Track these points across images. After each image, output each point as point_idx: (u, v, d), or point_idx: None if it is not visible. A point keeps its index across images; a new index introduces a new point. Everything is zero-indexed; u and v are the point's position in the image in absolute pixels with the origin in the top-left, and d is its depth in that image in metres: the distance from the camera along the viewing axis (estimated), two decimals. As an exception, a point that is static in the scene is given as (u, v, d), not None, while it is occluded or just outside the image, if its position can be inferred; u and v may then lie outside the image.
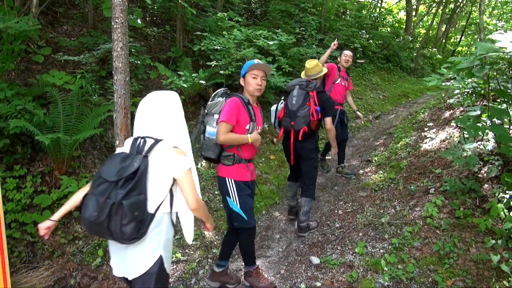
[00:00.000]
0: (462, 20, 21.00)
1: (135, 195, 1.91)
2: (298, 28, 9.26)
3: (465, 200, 3.72)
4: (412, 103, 10.87)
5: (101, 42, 5.96)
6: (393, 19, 17.88)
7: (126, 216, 1.86)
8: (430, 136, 5.73)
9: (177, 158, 2.08)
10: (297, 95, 3.97)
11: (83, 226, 2.17)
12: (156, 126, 2.17)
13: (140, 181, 1.94)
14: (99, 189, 1.92)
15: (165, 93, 2.32)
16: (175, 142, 2.15)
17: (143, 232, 1.95)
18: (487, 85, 3.66)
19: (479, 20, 8.23)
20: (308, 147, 4.07)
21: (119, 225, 1.87)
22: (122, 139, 3.77)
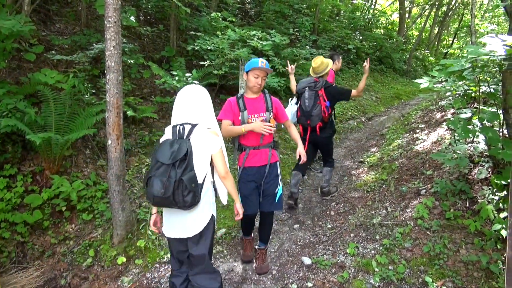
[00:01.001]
0: (455, 22, 21.20)
1: (189, 171, 2.39)
2: (292, 29, 9.29)
3: (455, 202, 3.76)
4: (404, 105, 10.94)
5: (94, 40, 5.93)
6: (386, 21, 18.02)
7: (186, 188, 2.35)
8: (421, 137, 5.78)
9: (212, 138, 2.58)
10: (308, 97, 4.46)
11: (149, 201, 2.57)
12: (192, 114, 2.61)
13: (190, 160, 2.42)
14: (160, 171, 2.36)
15: (196, 87, 2.78)
16: (208, 125, 2.63)
17: (198, 199, 2.44)
18: (478, 88, 3.70)
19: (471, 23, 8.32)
20: (324, 136, 4.69)
21: (181, 196, 2.35)
22: (114, 138, 3.75)
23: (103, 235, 4.08)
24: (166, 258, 3.86)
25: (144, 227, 4.12)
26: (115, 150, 3.76)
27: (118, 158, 3.79)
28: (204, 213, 2.57)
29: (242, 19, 10.11)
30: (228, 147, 4.89)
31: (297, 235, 4.29)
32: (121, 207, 3.88)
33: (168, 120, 6.12)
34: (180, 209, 2.44)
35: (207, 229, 2.58)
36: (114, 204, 3.86)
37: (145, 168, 5.03)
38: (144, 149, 5.33)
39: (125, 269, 3.74)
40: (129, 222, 4.01)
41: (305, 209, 4.97)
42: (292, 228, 4.49)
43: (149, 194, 2.38)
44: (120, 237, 3.96)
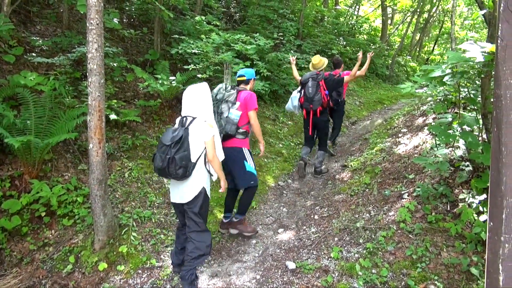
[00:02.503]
0: (435, 29, 21.65)
1: (182, 152, 3.08)
2: (277, 34, 9.32)
3: (437, 205, 3.82)
4: (387, 109, 11.09)
5: (75, 42, 5.84)
6: (369, 27, 18.27)
7: (177, 164, 3.06)
8: (404, 142, 5.86)
9: (206, 129, 3.25)
10: (311, 85, 5.66)
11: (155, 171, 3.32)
12: (193, 108, 3.34)
13: (184, 143, 3.12)
14: (161, 150, 3.13)
15: (198, 85, 3.45)
16: (205, 118, 3.32)
17: (189, 174, 3.15)
18: (458, 93, 3.77)
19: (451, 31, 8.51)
20: (323, 119, 5.88)
21: (174, 170, 3.07)
22: (96, 142, 3.69)
23: (84, 241, 4.00)
24: (149, 264, 3.80)
25: (126, 232, 4.05)
26: (96, 154, 3.70)
27: (100, 162, 3.72)
28: (195, 185, 3.26)
29: (227, 23, 10.11)
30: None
31: (282, 239, 4.29)
32: (102, 212, 3.81)
33: (152, 123, 6.06)
34: (175, 180, 3.21)
35: (197, 197, 3.26)
36: (95, 209, 3.79)
37: (128, 172, 4.96)
38: (127, 153, 5.26)
39: (106, 276, 3.67)
40: (111, 227, 3.95)
41: (289, 213, 4.98)
42: (276, 233, 4.49)
43: (154, 167, 3.22)
44: (101, 243, 3.88)
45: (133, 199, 4.64)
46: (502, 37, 1.25)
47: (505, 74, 1.24)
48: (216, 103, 4.09)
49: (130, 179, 4.91)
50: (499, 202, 1.27)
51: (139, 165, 5.17)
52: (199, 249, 3.31)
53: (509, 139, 1.24)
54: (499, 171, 1.27)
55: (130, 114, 5.48)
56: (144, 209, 4.53)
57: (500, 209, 1.26)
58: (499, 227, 1.26)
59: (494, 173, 1.31)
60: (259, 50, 7.26)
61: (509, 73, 1.23)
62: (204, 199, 3.31)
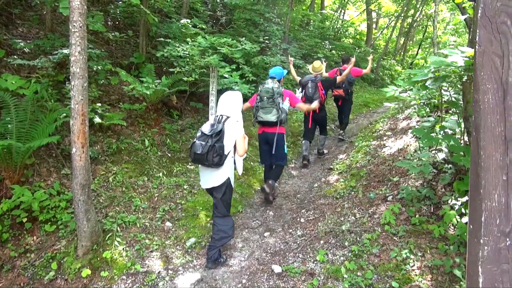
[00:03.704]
0: (419, 34, 22.02)
1: (219, 142, 3.61)
2: (263, 37, 9.34)
3: (420, 207, 3.86)
4: (372, 113, 11.21)
5: (58, 45, 5.75)
6: (354, 31, 18.47)
7: (216, 152, 3.55)
8: (388, 145, 5.93)
9: (238, 128, 3.82)
10: (311, 87, 6.50)
11: (190, 158, 3.78)
12: (228, 109, 3.92)
13: (222, 136, 3.66)
14: (202, 138, 3.65)
15: (234, 92, 4.09)
16: (237, 119, 3.91)
17: (222, 162, 3.64)
18: (440, 97, 3.83)
19: (433, 35, 8.66)
20: (321, 115, 6.90)
21: (212, 156, 3.55)
22: (79, 146, 3.63)
23: (67, 247, 3.92)
24: (133, 270, 3.75)
25: (110, 238, 3.99)
26: (80, 159, 3.64)
27: (83, 166, 3.67)
28: (224, 174, 3.75)
29: (213, 27, 10.09)
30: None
31: (268, 243, 4.28)
32: (86, 217, 3.74)
33: (137, 127, 5.99)
34: (209, 167, 3.67)
35: (223, 185, 3.76)
36: (78, 214, 3.73)
37: (112, 176, 4.90)
38: (111, 157, 5.19)
39: (90, 282, 3.61)
40: (95, 232, 3.88)
41: (275, 217, 4.98)
42: (262, 236, 4.48)
43: (191, 153, 3.66)
44: (85, 249, 3.82)
45: (117, 204, 4.58)
46: (480, 43, 1.27)
47: (483, 79, 1.27)
48: (271, 95, 5.00)
49: (115, 183, 4.84)
50: (478, 206, 1.29)
51: (124, 169, 5.11)
52: (222, 232, 3.84)
53: (487, 143, 1.26)
54: (478, 174, 1.29)
55: (114, 118, 5.41)
56: (129, 214, 4.48)
57: (479, 212, 1.28)
58: (479, 230, 1.28)
59: (473, 176, 1.33)
60: (245, 53, 7.26)
61: (487, 78, 1.25)
62: (228, 188, 3.82)
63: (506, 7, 1.23)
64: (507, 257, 1.25)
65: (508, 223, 1.25)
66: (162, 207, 4.77)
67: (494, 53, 1.25)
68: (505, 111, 1.24)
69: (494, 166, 1.26)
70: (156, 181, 5.19)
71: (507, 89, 1.23)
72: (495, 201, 1.26)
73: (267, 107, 5.00)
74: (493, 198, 1.26)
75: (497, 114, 1.25)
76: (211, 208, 4.91)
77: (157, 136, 6.09)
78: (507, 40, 1.23)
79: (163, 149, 5.95)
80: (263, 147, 5.25)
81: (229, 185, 3.81)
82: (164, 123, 6.43)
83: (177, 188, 5.23)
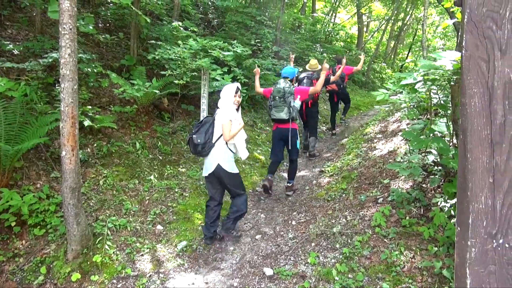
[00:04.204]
0: (409, 37, 22.24)
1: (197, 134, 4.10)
2: (254, 40, 9.37)
3: (410, 209, 3.89)
4: (363, 115, 11.29)
5: (48, 47, 5.70)
6: (345, 34, 18.59)
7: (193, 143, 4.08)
8: (379, 147, 5.97)
9: (223, 115, 4.11)
10: (306, 83, 6.95)
11: None
12: (219, 102, 4.27)
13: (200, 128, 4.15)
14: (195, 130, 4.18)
15: (227, 86, 4.36)
16: (224, 108, 4.17)
17: (207, 153, 4.10)
18: (430, 100, 3.88)
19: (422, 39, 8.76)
20: (313, 110, 7.31)
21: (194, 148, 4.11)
22: (69, 149, 3.60)
23: (57, 251, 3.88)
24: (124, 273, 3.72)
25: (100, 241, 3.96)
26: (69, 162, 3.61)
27: (73, 170, 3.64)
28: (213, 161, 4.09)
29: (205, 29, 10.09)
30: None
31: (259, 246, 4.28)
32: (76, 221, 3.71)
33: (128, 130, 5.96)
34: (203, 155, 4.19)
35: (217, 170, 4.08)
36: (68, 218, 3.69)
37: (103, 179, 4.86)
38: (102, 160, 5.15)
39: (80, 286, 3.57)
40: (85, 236, 3.85)
41: (267, 219, 4.98)
42: (254, 239, 4.48)
43: None
44: (75, 253, 3.78)
45: (108, 207, 4.54)
46: (466, 48, 1.29)
47: (470, 83, 1.29)
48: (282, 95, 5.39)
49: (105, 186, 4.81)
50: (466, 208, 1.31)
51: (115, 172, 5.07)
52: (236, 206, 4.28)
53: (474, 146, 1.28)
54: (465, 177, 1.31)
55: (105, 120, 5.37)
56: (120, 217, 4.44)
57: (466, 214, 1.30)
58: (466, 232, 1.30)
59: (461, 179, 1.35)
60: (237, 56, 7.27)
61: (473, 83, 1.27)
62: (225, 174, 4.10)
63: (491, 13, 1.25)
64: (493, 258, 1.27)
65: (494, 225, 1.26)
66: (153, 210, 4.74)
67: (480, 57, 1.27)
68: (491, 114, 1.26)
69: (481, 168, 1.28)
70: (147, 184, 5.17)
71: (493, 93, 1.25)
72: (482, 203, 1.28)
73: (279, 106, 5.41)
74: (480, 200, 1.28)
75: (483, 118, 1.27)
76: (202, 211, 4.92)
77: (148, 139, 6.05)
78: (492, 45, 1.25)
79: (154, 151, 5.92)
80: (276, 142, 5.65)
81: (226, 172, 4.09)
82: (155, 125, 6.40)
83: (168, 191, 5.20)
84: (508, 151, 1.24)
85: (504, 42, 1.24)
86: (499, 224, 1.26)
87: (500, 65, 1.24)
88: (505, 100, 1.24)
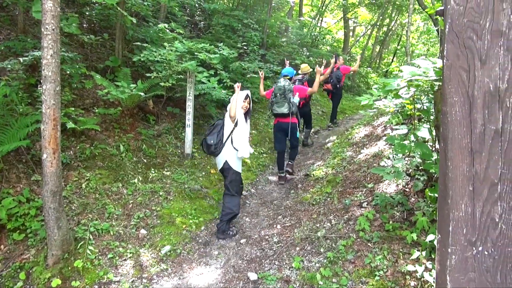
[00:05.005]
0: (394, 42, 22.56)
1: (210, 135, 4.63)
2: (241, 43, 9.36)
3: (394, 214, 3.93)
4: (348, 119, 11.38)
5: (30, 47, 5.59)
6: (332, 38, 18.74)
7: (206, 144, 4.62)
8: (363, 151, 6.02)
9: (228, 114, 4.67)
10: (298, 84, 7.21)
11: None
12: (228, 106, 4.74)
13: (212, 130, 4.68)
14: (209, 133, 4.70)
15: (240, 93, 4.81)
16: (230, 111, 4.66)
17: (219, 152, 4.60)
18: (413, 105, 3.93)
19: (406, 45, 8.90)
20: (305, 110, 7.88)
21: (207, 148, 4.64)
22: (50, 152, 3.53)
23: (36, 256, 3.80)
24: (106, 279, 3.66)
25: (82, 246, 3.89)
26: (51, 165, 3.54)
27: (55, 173, 3.57)
28: (222, 158, 4.65)
29: (191, 31, 10.05)
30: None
31: (244, 250, 4.27)
32: (57, 225, 3.64)
33: (112, 132, 5.88)
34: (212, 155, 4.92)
35: (226, 168, 4.65)
36: (49, 222, 3.62)
37: (85, 183, 4.78)
38: (84, 163, 5.07)
39: (60, 292, 3.50)
40: (66, 241, 3.77)
41: (252, 223, 4.97)
42: (239, 243, 4.46)
43: None
44: (55, 258, 3.70)
45: (90, 211, 4.47)
46: (448, 57, 1.31)
47: (451, 92, 1.30)
48: (282, 92, 6.05)
49: (88, 190, 4.73)
50: (446, 215, 1.32)
51: (98, 175, 5.00)
52: (228, 208, 4.58)
53: (455, 154, 1.30)
54: (446, 184, 1.33)
55: (88, 122, 5.30)
56: (102, 221, 4.37)
57: (447, 222, 1.31)
58: (446, 239, 1.31)
59: (442, 186, 1.36)
60: (223, 59, 7.26)
61: (454, 91, 1.29)
62: (230, 171, 4.64)
63: (472, 23, 1.27)
64: (473, 265, 1.29)
65: (474, 233, 1.28)
66: (137, 214, 4.68)
67: (461, 67, 1.29)
68: (471, 123, 1.28)
69: (461, 176, 1.29)
70: (131, 188, 5.10)
71: (473, 103, 1.27)
72: (462, 211, 1.29)
73: (280, 102, 6.08)
74: (460, 208, 1.29)
75: (463, 127, 1.29)
76: (187, 214, 4.89)
77: (133, 142, 5.99)
78: (473, 55, 1.27)
79: (139, 154, 5.86)
80: (277, 134, 6.35)
81: (230, 169, 4.64)
82: (140, 128, 6.34)
83: (152, 195, 5.15)
84: (488, 160, 1.26)
85: (484, 53, 1.26)
86: (478, 232, 1.27)
87: (480, 75, 1.26)
88: (485, 109, 1.26)
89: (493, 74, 1.25)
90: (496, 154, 1.26)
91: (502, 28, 1.24)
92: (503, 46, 1.24)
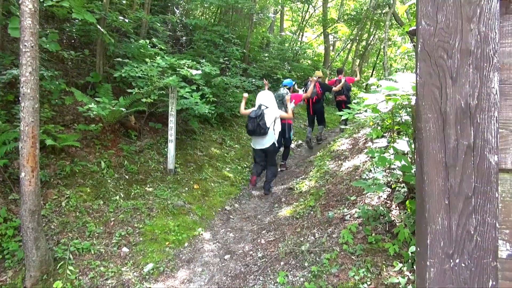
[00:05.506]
0: (373, 56, 23.07)
1: (262, 121, 6.05)
2: (223, 58, 9.43)
3: (376, 226, 3.97)
4: (330, 132, 11.51)
5: (8, 63, 5.51)
6: (313, 52, 19.06)
7: (261, 127, 6.04)
8: (346, 164, 6.09)
9: (275, 111, 6.36)
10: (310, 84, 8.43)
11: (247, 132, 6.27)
12: (267, 102, 6.31)
13: (263, 117, 6.09)
14: (251, 120, 6.09)
15: (269, 93, 6.53)
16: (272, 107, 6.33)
17: (266, 132, 6.10)
18: (392, 119, 4.01)
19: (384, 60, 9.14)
20: (318, 106, 9.07)
21: (259, 130, 6.05)
22: (29, 170, 3.46)
23: (14, 277, 3.68)
24: (86, 300, 3.57)
25: (62, 266, 3.79)
26: (29, 183, 3.47)
27: (33, 192, 3.49)
28: (270, 139, 6.23)
29: (173, 47, 10.08)
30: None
31: (228, 266, 4.23)
32: (35, 245, 3.55)
33: (93, 148, 5.80)
34: (259, 136, 6.16)
35: (272, 145, 6.27)
36: (27, 242, 3.53)
37: (65, 201, 4.68)
38: (64, 181, 4.97)
39: (38, 315, 3.39)
40: (45, 261, 3.68)
41: (236, 239, 4.94)
42: (223, 259, 4.43)
43: (247, 130, 6.21)
44: (33, 279, 3.60)
45: (70, 230, 4.37)
46: (421, 75, 1.36)
47: (424, 108, 1.35)
48: (281, 99, 7.18)
49: (68, 208, 4.63)
50: (424, 229, 1.35)
51: (78, 193, 4.91)
52: (273, 173, 6.53)
53: (430, 169, 1.34)
54: (422, 198, 1.36)
55: (68, 139, 5.22)
56: (83, 240, 4.28)
57: (425, 235, 1.34)
58: (425, 253, 1.34)
59: (419, 200, 1.40)
60: (205, 75, 7.29)
61: (428, 108, 1.34)
62: (273, 146, 6.29)
63: (442, 43, 1.33)
64: (451, 278, 1.32)
65: (451, 245, 1.31)
66: (118, 231, 4.60)
67: (433, 84, 1.34)
68: (445, 138, 1.32)
69: (437, 191, 1.33)
70: (112, 205, 5.02)
71: (446, 119, 1.32)
72: (439, 224, 1.32)
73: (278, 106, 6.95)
74: (437, 221, 1.33)
75: (437, 142, 1.33)
76: (170, 231, 4.83)
77: (114, 158, 5.91)
78: (444, 73, 1.32)
79: (121, 171, 5.78)
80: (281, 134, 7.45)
81: (273, 144, 6.29)
82: (121, 144, 6.27)
83: (134, 211, 5.08)
84: (461, 174, 1.30)
85: (455, 71, 1.31)
86: (455, 245, 1.31)
87: (452, 92, 1.31)
88: (457, 125, 1.31)
89: (463, 92, 1.30)
90: (469, 168, 1.30)
91: (470, 48, 1.30)
92: (472, 64, 1.30)
